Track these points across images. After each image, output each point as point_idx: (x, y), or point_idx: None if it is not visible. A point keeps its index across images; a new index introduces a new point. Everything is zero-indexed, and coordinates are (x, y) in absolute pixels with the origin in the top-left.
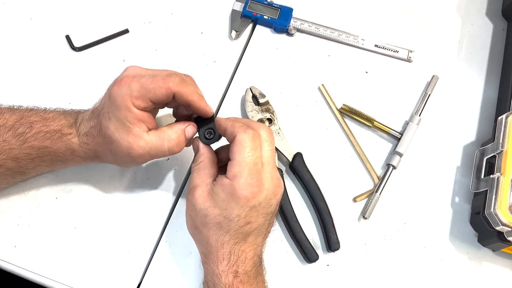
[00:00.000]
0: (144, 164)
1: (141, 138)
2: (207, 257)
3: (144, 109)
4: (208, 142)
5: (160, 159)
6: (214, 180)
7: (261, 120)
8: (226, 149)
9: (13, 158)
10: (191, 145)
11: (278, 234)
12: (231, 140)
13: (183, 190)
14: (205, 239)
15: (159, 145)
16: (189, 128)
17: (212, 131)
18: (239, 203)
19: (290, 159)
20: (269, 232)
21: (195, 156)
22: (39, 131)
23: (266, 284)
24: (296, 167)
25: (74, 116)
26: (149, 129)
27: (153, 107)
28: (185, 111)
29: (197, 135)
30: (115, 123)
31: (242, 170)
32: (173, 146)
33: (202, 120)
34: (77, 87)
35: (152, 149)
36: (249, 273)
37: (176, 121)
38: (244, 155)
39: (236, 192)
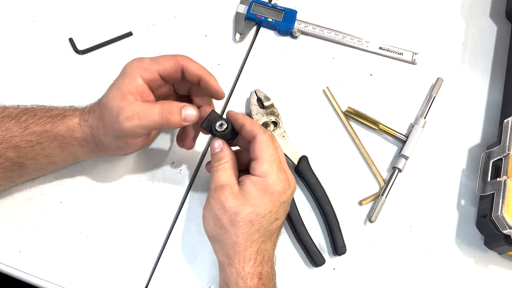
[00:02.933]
0: (149, 168)
1: (134, 103)
2: (232, 258)
3: (150, 82)
4: (221, 134)
5: (165, 163)
6: (238, 180)
7: (266, 123)
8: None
9: (14, 146)
10: (188, 147)
11: (284, 238)
12: (249, 138)
13: (188, 194)
14: (232, 238)
15: (149, 107)
16: (189, 108)
17: (225, 123)
18: (272, 198)
19: (296, 162)
20: (280, 233)
21: (214, 155)
22: (41, 117)
23: (276, 286)
24: (302, 170)
25: (81, 106)
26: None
27: (160, 84)
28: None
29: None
30: (114, 91)
31: (272, 166)
32: (164, 112)
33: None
34: (80, 90)
35: (141, 111)
36: (269, 274)
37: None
38: (271, 153)
39: (269, 188)
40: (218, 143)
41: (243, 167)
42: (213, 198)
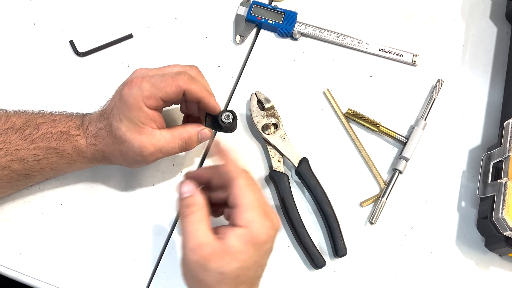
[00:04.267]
0: (149, 170)
1: (154, 136)
2: None
3: (155, 108)
4: (228, 126)
5: (165, 165)
6: (213, 231)
7: (266, 125)
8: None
9: (20, 159)
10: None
11: (284, 240)
12: (226, 179)
13: None
14: None
15: (171, 143)
16: (205, 132)
17: (230, 114)
18: (257, 248)
19: (296, 164)
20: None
21: (183, 200)
22: (46, 132)
23: None
24: (302, 172)
25: (80, 118)
26: (159, 128)
27: (164, 106)
28: (192, 109)
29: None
30: (126, 124)
31: (255, 214)
32: (184, 145)
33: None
34: (81, 92)
35: (164, 147)
36: None
37: (184, 117)
38: (252, 198)
39: (254, 239)
40: (188, 187)
41: (217, 201)
42: (191, 261)
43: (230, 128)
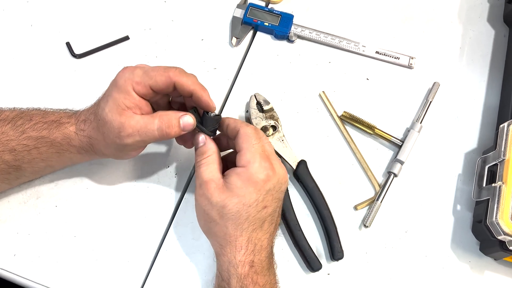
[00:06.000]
0: (144, 172)
1: (133, 118)
2: (224, 248)
3: (143, 96)
4: (212, 134)
5: (160, 167)
6: (223, 174)
7: (265, 127)
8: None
9: (10, 149)
10: (189, 146)
11: (281, 243)
12: (234, 135)
13: (183, 198)
14: (223, 230)
15: (149, 124)
16: (187, 118)
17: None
18: (256, 187)
19: (294, 167)
20: (278, 223)
21: (197, 150)
22: (37, 122)
23: (277, 278)
24: (300, 175)
25: (74, 111)
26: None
27: (153, 96)
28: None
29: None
30: (110, 105)
31: (254, 155)
32: (163, 127)
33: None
34: (77, 94)
35: (142, 128)
36: (263, 263)
37: None
38: (252, 143)
39: (253, 177)
40: (202, 138)
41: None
42: (199, 195)
43: (214, 122)
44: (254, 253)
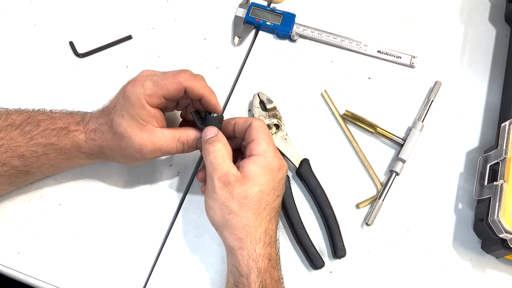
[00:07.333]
0: (147, 171)
1: (154, 134)
2: (243, 241)
3: (157, 106)
4: (219, 118)
5: (163, 165)
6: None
7: (268, 126)
8: None
9: (19, 155)
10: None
11: (283, 241)
12: (244, 128)
13: (186, 197)
14: (243, 221)
15: (171, 143)
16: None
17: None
18: (273, 175)
19: (297, 165)
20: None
21: (209, 139)
22: (46, 129)
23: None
24: (303, 173)
25: (81, 115)
26: (160, 127)
27: (166, 104)
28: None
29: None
30: (128, 120)
31: (269, 145)
32: (182, 148)
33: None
34: (80, 93)
35: (163, 146)
36: (276, 256)
37: (181, 122)
38: (267, 134)
39: (270, 165)
40: (211, 131)
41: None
42: (219, 187)
43: (217, 122)
44: (271, 245)
